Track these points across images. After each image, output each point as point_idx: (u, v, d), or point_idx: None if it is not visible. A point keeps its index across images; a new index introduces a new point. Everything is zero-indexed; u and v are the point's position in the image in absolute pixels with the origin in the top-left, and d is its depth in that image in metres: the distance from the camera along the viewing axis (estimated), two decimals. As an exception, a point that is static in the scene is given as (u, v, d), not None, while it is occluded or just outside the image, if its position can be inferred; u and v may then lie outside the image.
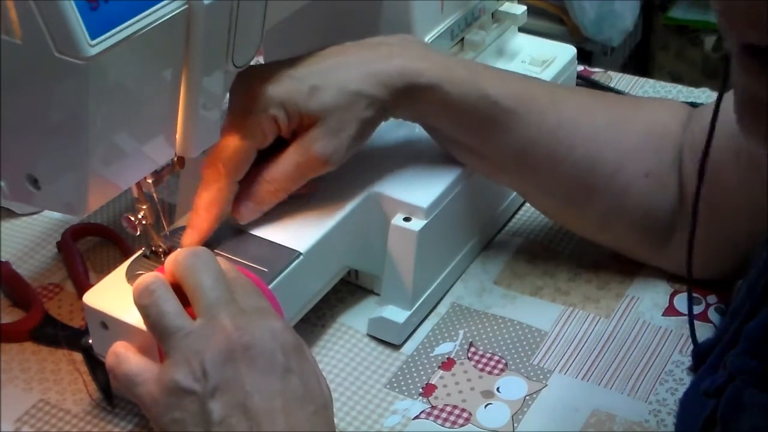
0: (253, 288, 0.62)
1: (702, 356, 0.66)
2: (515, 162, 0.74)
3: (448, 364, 0.73)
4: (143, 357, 0.60)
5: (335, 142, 0.69)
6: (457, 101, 0.71)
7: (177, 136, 0.62)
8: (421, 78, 0.70)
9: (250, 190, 0.69)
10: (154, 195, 0.65)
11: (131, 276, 0.66)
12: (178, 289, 0.60)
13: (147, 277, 0.60)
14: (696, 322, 0.74)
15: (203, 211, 0.68)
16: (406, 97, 0.70)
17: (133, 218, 0.65)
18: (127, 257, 0.69)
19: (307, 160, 0.69)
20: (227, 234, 0.70)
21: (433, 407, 0.70)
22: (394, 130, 0.79)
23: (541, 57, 0.89)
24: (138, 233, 0.66)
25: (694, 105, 0.79)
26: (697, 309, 0.76)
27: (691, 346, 0.72)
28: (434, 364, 0.73)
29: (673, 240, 0.76)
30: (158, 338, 0.58)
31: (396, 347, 0.74)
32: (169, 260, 0.61)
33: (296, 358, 0.57)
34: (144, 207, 0.65)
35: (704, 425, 0.57)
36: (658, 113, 0.76)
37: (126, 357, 0.61)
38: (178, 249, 0.63)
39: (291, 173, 0.69)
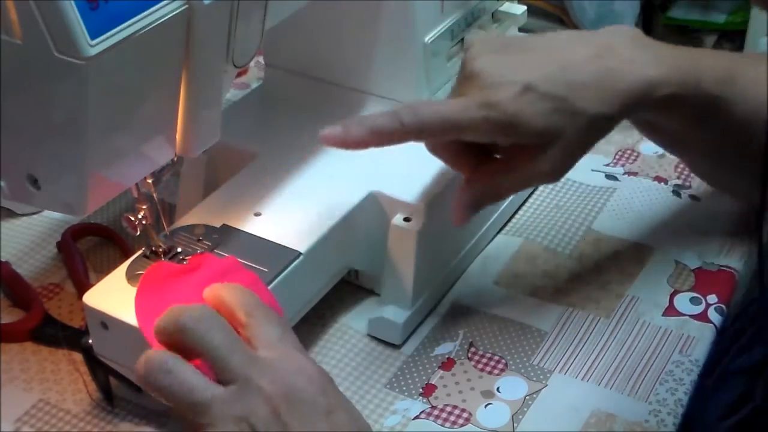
0: (271, 315, 0.60)
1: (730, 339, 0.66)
2: (733, 148, 0.73)
3: (448, 364, 0.73)
4: (208, 382, 0.57)
5: (568, 162, 0.67)
6: (685, 104, 0.69)
7: (177, 136, 0.62)
8: (660, 91, 0.67)
9: (464, 195, 0.68)
10: (154, 195, 0.65)
11: (131, 276, 0.66)
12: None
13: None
14: (696, 322, 0.74)
15: (367, 128, 0.63)
16: (638, 110, 0.68)
17: (133, 218, 0.65)
18: (127, 257, 0.69)
19: (533, 177, 0.67)
20: (227, 234, 0.70)
21: (433, 407, 0.70)
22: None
23: (541, 57, 0.89)
24: (138, 233, 0.66)
25: None
26: (697, 309, 0.76)
27: (691, 346, 0.72)
28: (434, 364, 0.73)
29: None
30: (192, 414, 0.55)
31: (396, 347, 0.74)
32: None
33: (333, 392, 0.57)
34: (144, 207, 0.65)
35: (736, 402, 0.57)
36: None
37: (193, 387, 0.56)
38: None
39: (517, 187, 0.69)
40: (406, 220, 0.73)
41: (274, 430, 0.54)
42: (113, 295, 0.65)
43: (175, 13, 0.55)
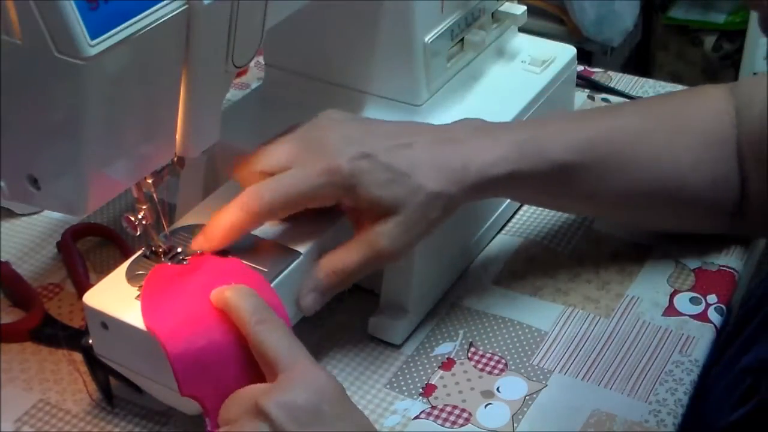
0: (278, 324, 0.62)
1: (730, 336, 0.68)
2: (588, 204, 0.77)
3: (448, 364, 0.73)
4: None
5: (406, 238, 0.68)
6: (529, 177, 0.71)
7: (177, 136, 0.62)
8: (497, 169, 0.70)
9: (313, 280, 0.68)
10: (154, 195, 0.65)
11: (131, 276, 0.66)
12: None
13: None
14: (696, 322, 0.74)
15: (226, 228, 0.66)
16: (478, 190, 0.70)
17: (133, 218, 0.65)
18: (127, 257, 0.69)
19: (375, 254, 0.68)
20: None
21: (433, 407, 0.70)
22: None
23: (541, 57, 0.89)
24: (138, 233, 0.66)
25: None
26: (697, 309, 0.76)
27: (691, 346, 0.72)
28: (434, 364, 0.73)
29: (743, 213, 0.76)
30: (268, 367, 0.59)
31: (396, 347, 0.74)
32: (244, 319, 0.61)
33: (340, 403, 0.59)
34: (144, 207, 0.65)
35: (741, 399, 0.58)
36: (707, 120, 0.76)
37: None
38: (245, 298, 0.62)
39: (357, 266, 0.68)
40: (406, 220, 0.73)
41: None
42: (113, 295, 0.65)
43: (175, 13, 0.55)
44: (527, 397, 0.70)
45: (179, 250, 0.68)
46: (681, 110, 0.78)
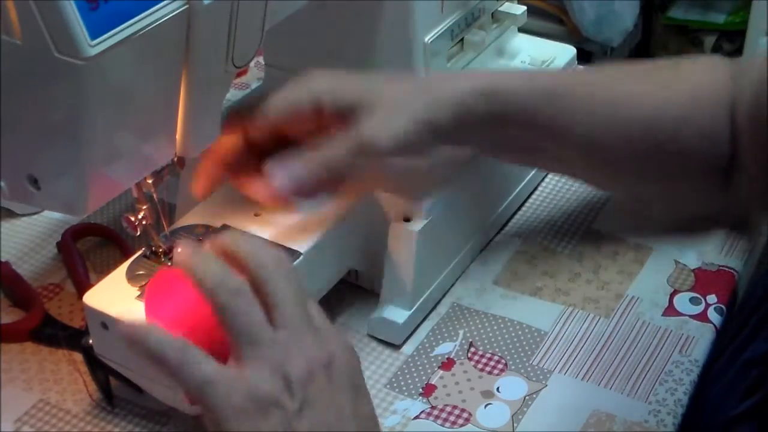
0: (316, 305, 0.60)
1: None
2: (579, 152, 0.72)
3: (448, 364, 0.73)
4: (211, 359, 0.57)
5: (388, 126, 0.66)
6: (501, 116, 0.69)
7: (177, 136, 0.62)
8: (466, 96, 0.68)
9: (293, 167, 0.67)
10: (154, 195, 0.65)
11: (131, 276, 0.66)
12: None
13: (228, 274, 0.57)
14: (696, 322, 0.74)
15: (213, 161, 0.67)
16: (452, 110, 0.68)
17: (133, 218, 0.65)
18: (127, 257, 0.69)
19: (357, 144, 0.66)
20: (227, 234, 0.70)
21: (433, 407, 0.70)
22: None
23: (540, 57, 0.89)
24: (138, 233, 0.66)
25: None
26: (697, 309, 0.76)
27: (691, 346, 0.72)
28: (434, 364, 0.73)
29: (731, 184, 0.74)
30: (238, 341, 0.56)
31: (396, 347, 0.75)
32: (251, 255, 0.58)
33: (362, 378, 0.58)
34: (144, 207, 0.65)
35: (746, 392, 0.58)
36: (699, 75, 0.75)
37: (197, 356, 0.56)
38: (265, 245, 0.60)
39: (339, 156, 0.66)
40: (406, 220, 0.73)
41: (309, 393, 0.54)
42: (113, 295, 0.65)
43: (175, 13, 0.55)
44: (527, 397, 0.70)
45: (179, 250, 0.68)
46: (674, 68, 0.78)
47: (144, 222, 0.66)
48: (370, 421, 0.58)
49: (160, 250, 0.67)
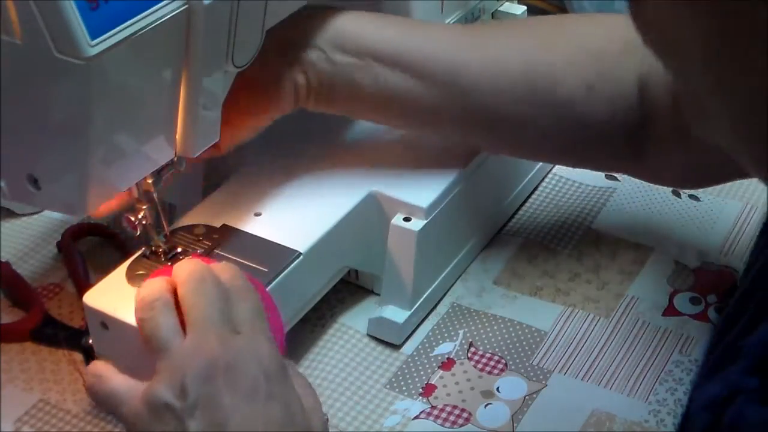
0: (254, 302, 0.61)
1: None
2: (460, 115, 0.73)
3: (448, 364, 0.73)
4: (125, 376, 0.60)
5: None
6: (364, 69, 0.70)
7: (177, 136, 0.62)
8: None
9: None
10: (154, 195, 0.65)
11: (131, 276, 0.66)
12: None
13: (151, 291, 0.59)
14: (695, 322, 0.74)
15: None
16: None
17: (133, 218, 0.65)
18: (127, 257, 0.69)
19: None
20: (227, 234, 0.70)
21: (433, 407, 0.70)
22: (394, 129, 0.79)
23: (541, 57, 0.89)
24: (138, 233, 0.66)
25: None
26: (697, 309, 0.76)
27: (691, 346, 0.72)
28: (434, 364, 0.73)
29: (647, 154, 0.73)
30: (153, 354, 0.58)
31: (396, 347, 0.75)
32: (178, 275, 0.60)
33: (280, 384, 0.57)
34: (144, 207, 0.65)
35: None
36: (588, 27, 0.74)
37: (108, 376, 0.60)
38: (186, 263, 0.62)
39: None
40: (406, 220, 0.73)
41: (204, 393, 0.55)
42: (113, 295, 0.65)
43: (175, 13, 0.55)
44: (527, 397, 0.70)
45: (179, 250, 0.68)
46: (560, 21, 0.76)
47: (144, 222, 0.66)
48: (284, 427, 0.56)
49: (160, 250, 0.67)
